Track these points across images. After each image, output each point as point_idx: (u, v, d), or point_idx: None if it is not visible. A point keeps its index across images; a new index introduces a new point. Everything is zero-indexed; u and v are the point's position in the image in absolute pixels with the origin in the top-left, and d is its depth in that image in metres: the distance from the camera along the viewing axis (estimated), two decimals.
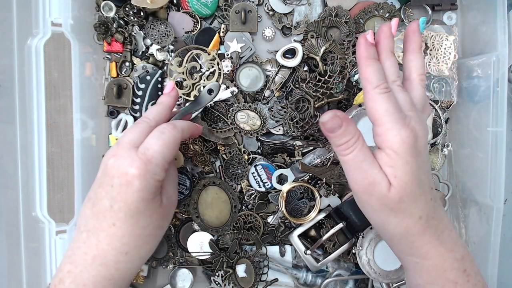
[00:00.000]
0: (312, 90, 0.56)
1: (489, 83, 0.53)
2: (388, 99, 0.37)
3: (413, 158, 0.37)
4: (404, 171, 0.37)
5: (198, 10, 0.56)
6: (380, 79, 0.39)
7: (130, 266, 0.42)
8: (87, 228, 0.41)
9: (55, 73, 0.58)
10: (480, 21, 0.56)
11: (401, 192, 0.37)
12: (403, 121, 0.37)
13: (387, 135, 0.37)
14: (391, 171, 0.37)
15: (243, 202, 0.60)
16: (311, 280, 0.60)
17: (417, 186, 0.38)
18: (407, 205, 0.38)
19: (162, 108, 0.47)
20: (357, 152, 0.38)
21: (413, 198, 0.38)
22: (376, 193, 0.38)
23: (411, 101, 0.40)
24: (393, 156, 0.37)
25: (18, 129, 0.49)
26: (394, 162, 0.37)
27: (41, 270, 0.51)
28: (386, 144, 0.37)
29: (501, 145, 0.52)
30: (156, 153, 0.40)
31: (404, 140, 0.36)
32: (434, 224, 0.39)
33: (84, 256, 0.41)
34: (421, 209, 0.38)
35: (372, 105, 0.38)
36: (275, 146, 0.59)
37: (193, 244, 0.59)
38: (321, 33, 0.57)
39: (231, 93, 0.55)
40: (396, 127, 0.36)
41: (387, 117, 0.37)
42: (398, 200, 0.37)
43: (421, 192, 0.38)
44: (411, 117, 0.38)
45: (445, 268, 0.40)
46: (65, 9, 0.49)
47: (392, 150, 0.37)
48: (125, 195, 0.39)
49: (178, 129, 0.43)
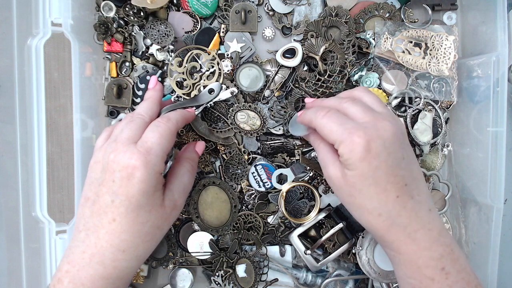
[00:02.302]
0: (311, 89, 0.57)
1: (489, 83, 0.53)
2: (329, 120, 0.43)
3: (364, 162, 0.40)
4: (354, 172, 0.41)
5: (198, 10, 0.56)
6: (315, 111, 0.45)
7: (127, 265, 0.42)
8: (86, 227, 0.42)
9: (55, 73, 0.58)
10: (480, 21, 0.56)
11: (350, 188, 0.42)
12: (348, 132, 0.41)
13: (339, 149, 0.42)
14: (345, 171, 0.42)
15: (243, 202, 0.60)
16: (311, 280, 0.60)
17: (370, 186, 0.41)
18: (360, 201, 0.42)
19: (151, 102, 0.48)
20: (320, 151, 0.47)
21: (366, 196, 0.41)
22: (333, 185, 0.45)
23: (364, 108, 0.43)
24: (346, 162, 0.42)
25: (18, 129, 0.49)
26: (347, 165, 0.42)
27: (41, 270, 0.51)
28: (341, 154, 0.42)
29: (501, 145, 0.52)
30: (154, 145, 0.42)
31: (352, 149, 0.40)
32: (402, 222, 0.41)
33: (82, 255, 0.41)
34: (378, 207, 0.41)
35: (321, 131, 0.44)
36: (275, 146, 0.59)
37: (193, 244, 0.59)
38: (321, 33, 0.57)
39: (231, 94, 0.55)
40: (343, 140, 0.41)
41: (333, 135, 0.42)
42: (349, 194, 0.43)
43: (377, 191, 0.41)
44: (363, 123, 0.42)
45: (419, 264, 0.41)
46: (65, 9, 0.49)
47: (344, 158, 0.41)
48: (126, 188, 0.40)
49: (172, 121, 0.45)
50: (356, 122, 0.42)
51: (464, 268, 0.42)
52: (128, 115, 0.48)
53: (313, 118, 0.45)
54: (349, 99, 0.45)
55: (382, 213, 0.41)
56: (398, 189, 0.41)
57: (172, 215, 0.46)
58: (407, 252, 0.42)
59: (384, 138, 0.40)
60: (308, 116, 0.46)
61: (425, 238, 0.41)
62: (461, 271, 0.42)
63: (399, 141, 0.42)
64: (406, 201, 0.41)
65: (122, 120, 0.46)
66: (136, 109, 0.48)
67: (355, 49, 0.57)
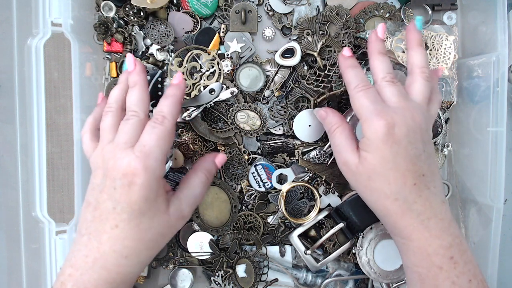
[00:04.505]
0: (313, 85, 0.56)
1: (489, 83, 0.53)
2: (364, 95, 0.43)
3: (385, 145, 0.41)
4: (374, 155, 0.42)
5: (198, 10, 0.56)
6: (357, 80, 0.45)
7: (130, 270, 0.42)
8: (88, 231, 0.41)
9: (55, 73, 0.58)
10: (480, 21, 0.56)
11: (369, 171, 0.43)
12: (377, 113, 0.41)
13: (363, 125, 0.42)
14: (364, 154, 0.43)
15: (243, 202, 0.60)
16: (311, 280, 0.60)
17: (390, 170, 0.41)
18: (378, 185, 0.42)
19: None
20: (338, 136, 0.46)
21: (385, 180, 0.42)
22: (348, 170, 0.45)
23: (399, 93, 0.44)
24: (367, 143, 0.42)
25: (18, 129, 0.49)
26: (367, 147, 0.42)
27: (41, 270, 0.51)
28: (364, 132, 0.43)
29: (501, 145, 0.52)
30: (153, 148, 0.41)
31: (376, 129, 0.41)
32: (416, 209, 0.42)
33: (85, 259, 0.41)
34: (396, 191, 0.42)
35: (353, 102, 0.44)
36: (275, 146, 0.59)
37: (193, 244, 0.59)
38: (316, 29, 0.56)
39: (231, 94, 0.55)
40: (369, 118, 0.42)
41: (363, 110, 0.43)
42: (367, 178, 0.43)
43: (396, 176, 0.41)
44: (394, 108, 0.42)
45: (429, 252, 0.42)
46: (65, 9, 0.49)
47: (367, 138, 0.42)
48: (128, 195, 0.39)
49: (168, 118, 0.43)
50: (388, 105, 0.43)
51: (471, 260, 0.43)
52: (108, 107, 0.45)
53: (352, 87, 0.45)
54: (392, 76, 0.45)
55: (399, 198, 0.42)
56: (416, 178, 0.42)
57: (177, 224, 0.45)
58: (419, 239, 0.42)
59: (408, 127, 0.41)
60: (350, 76, 0.46)
61: (436, 227, 0.42)
62: (468, 263, 0.42)
63: (422, 134, 0.42)
64: (422, 189, 0.42)
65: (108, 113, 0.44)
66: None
67: (351, 40, 0.57)
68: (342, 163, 0.46)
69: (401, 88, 0.45)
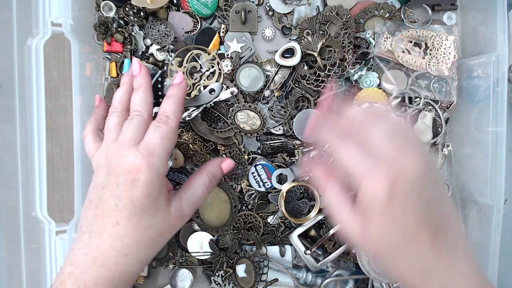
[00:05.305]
0: (313, 85, 0.56)
1: (489, 83, 0.53)
2: (346, 152, 0.36)
3: (388, 209, 0.33)
4: (378, 224, 0.34)
5: (198, 10, 0.56)
6: (333, 136, 0.38)
7: (129, 269, 0.42)
8: (89, 229, 0.42)
9: (55, 73, 0.58)
10: (480, 21, 0.56)
11: (375, 246, 0.35)
12: (373, 167, 0.33)
13: (359, 185, 0.34)
14: (365, 226, 0.35)
15: (243, 202, 0.60)
16: (311, 280, 0.60)
17: (399, 239, 0.34)
18: (389, 262, 0.36)
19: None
20: (327, 197, 0.38)
21: (397, 253, 0.35)
22: (350, 239, 0.37)
23: (388, 135, 0.35)
24: (365, 211, 0.34)
25: (18, 129, 0.49)
26: (366, 215, 0.35)
27: (41, 270, 0.51)
28: (359, 201, 0.35)
29: (501, 145, 0.52)
30: (157, 146, 0.41)
31: (373, 196, 0.33)
32: (438, 273, 0.35)
33: (84, 257, 0.41)
34: (412, 262, 0.35)
35: (337, 157, 0.37)
36: (275, 146, 0.59)
37: (193, 244, 0.59)
38: (316, 29, 0.57)
39: (231, 94, 0.55)
40: (365, 176, 0.33)
41: (351, 171, 0.35)
42: (376, 253, 0.36)
43: (406, 244, 0.34)
44: (385, 160, 0.33)
45: None
46: (65, 9, 0.49)
47: (364, 206, 0.34)
48: (130, 192, 0.40)
49: (171, 117, 0.43)
50: (378, 154, 0.34)
51: None
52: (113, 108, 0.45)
53: (331, 144, 0.38)
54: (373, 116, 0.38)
55: (416, 263, 0.35)
56: (431, 237, 0.34)
57: (176, 224, 0.45)
58: None
59: (414, 177, 0.33)
60: (323, 136, 0.39)
61: None
62: None
63: (429, 178, 0.34)
64: (441, 251, 0.35)
65: (112, 114, 0.45)
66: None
67: (351, 40, 0.57)
68: (341, 229, 0.38)
69: (388, 127, 0.36)
